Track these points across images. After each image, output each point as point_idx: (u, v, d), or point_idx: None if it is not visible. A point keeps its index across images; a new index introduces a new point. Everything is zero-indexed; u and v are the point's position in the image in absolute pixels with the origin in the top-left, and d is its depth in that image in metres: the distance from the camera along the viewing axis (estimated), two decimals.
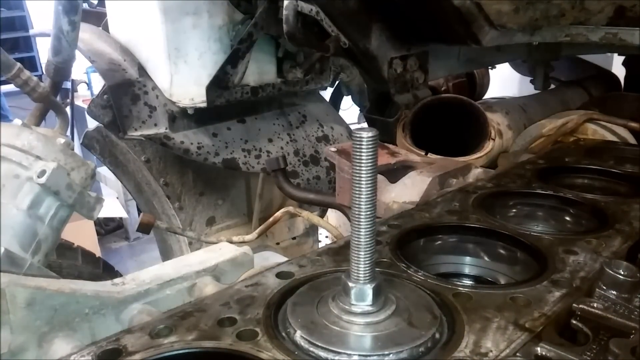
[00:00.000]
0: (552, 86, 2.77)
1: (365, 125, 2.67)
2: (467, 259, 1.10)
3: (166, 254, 2.07)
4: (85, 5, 2.31)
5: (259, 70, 1.84)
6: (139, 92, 1.76)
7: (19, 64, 1.33)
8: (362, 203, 0.74)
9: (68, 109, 3.16)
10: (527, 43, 1.87)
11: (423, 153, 2.04)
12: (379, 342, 0.73)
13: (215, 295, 0.90)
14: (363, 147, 0.71)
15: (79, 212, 1.28)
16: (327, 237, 2.96)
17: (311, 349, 0.73)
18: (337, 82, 2.35)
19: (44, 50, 2.81)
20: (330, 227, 1.65)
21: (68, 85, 4.68)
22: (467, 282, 1.06)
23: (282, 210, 1.75)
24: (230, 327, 0.79)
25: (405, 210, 1.22)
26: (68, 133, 1.48)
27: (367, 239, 0.75)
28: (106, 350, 0.75)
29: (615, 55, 3.30)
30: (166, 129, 1.76)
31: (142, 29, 1.77)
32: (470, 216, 1.13)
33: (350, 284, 0.77)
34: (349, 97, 2.52)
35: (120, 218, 5.29)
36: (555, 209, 1.24)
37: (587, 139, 2.00)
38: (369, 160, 0.72)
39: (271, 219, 1.77)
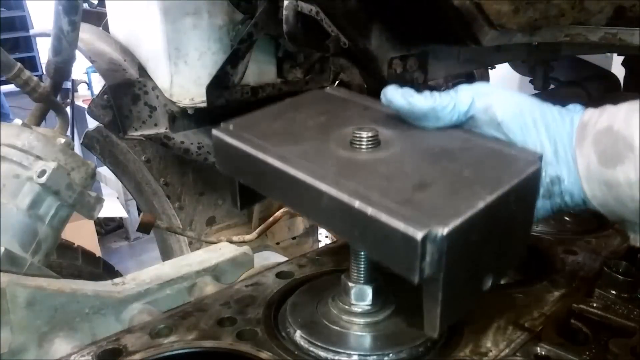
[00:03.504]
0: (552, 86, 2.77)
1: None
2: None
3: (166, 254, 2.07)
4: (85, 6, 2.32)
5: (259, 70, 1.84)
6: (139, 92, 1.76)
7: (19, 64, 1.33)
8: None
9: (68, 109, 3.15)
10: (527, 43, 1.87)
11: None
12: (378, 342, 0.73)
13: (215, 295, 0.90)
14: (363, 147, 0.71)
15: (79, 212, 1.28)
16: (327, 237, 2.97)
17: (311, 348, 0.73)
18: (337, 82, 2.35)
19: (44, 50, 2.81)
20: None
21: (68, 85, 4.68)
22: None
23: (282, 210, 1.75)
24: (230, 327, 0.79)
25: None
26: (68, 133, 1.48)
27: None
28: (106, 350, 0.76)
29: (615, 55, 3.30)
30: (166, 129, 1.76)
31: (142, 29, 1.77)
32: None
33: (350, 284, 0.77)
34: None
35: (121, 218, 5.28)
36: None
37: None
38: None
39: (271, 219, 1.77)
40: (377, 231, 0.57)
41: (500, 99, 0.72)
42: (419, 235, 0.54)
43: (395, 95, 0.73)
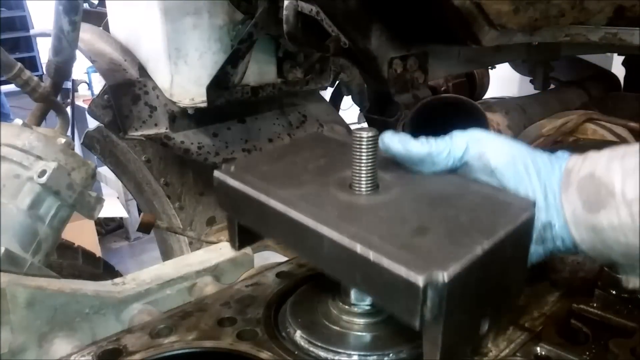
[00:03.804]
0: (552, 86, 2.77)
1: (365, 125, 2.67)
2: None
3: (166, 254, 2.07)
4: (85, 5, 2.32)
5: (259, 70, 1.84)
6: (140, 92, 1.76)
7: (19, 64, 1.33)
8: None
9: (69, 109, 3.15)
10: (527, 43, 1.87)
11: None
12: (379, 342, 0.73)
13: (215, 295, 0.90)
14: (363, 147, 0.71)
15: (79, 212, 1.28)
16: None
17: (311, 348, 0.73)
18: (337, 82, 2.35)
19: (44, 50, 2.81)
20: None
21: (69, 85, 4.67)
22: None
23: None
24: (230, 327, 0.79)
25: None
26: (68, 133, 1.48)
27: None
28: (106, 350, 0.76)
29: (615, 55, 3.30)
30: (167, 129, 1.76)
31: (143, 29, 1.77)
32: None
33: None
34: (349, 97, 2.52)
35: (121, 218, 5.29)
36: None
37: (587, 139, 2.00)
38: (369, 160, 0.72)
39: None
40: (378, 275, 0.59)
41: (494, 146, 0.76)
42: (420, 279, 0.55)
43: (393, 142, 0.77)
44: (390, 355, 0.71)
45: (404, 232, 0.63)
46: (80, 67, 5.06)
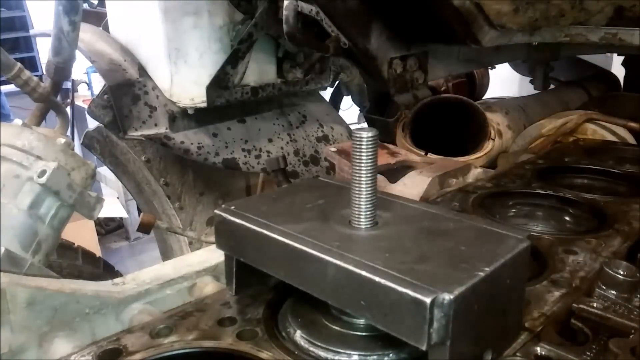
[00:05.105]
0: (552, 86, 2.77)
1: (365, 125, 2.67)
2: None
3: (166, 254, 2.07)
4: (85, 6, 2.32)
5: (259, 70, 1.84)
6: (139, 92, 1.76)
7: (19, 64, 1.33)
8: (362, 203, 0.74)
9: (68, 109, 3.15)
10: (527, 43, 1.87)
11: (423, 153, 2.04)
12: (379, 342, 0.73)
13: (215, 295, 0.90)
14: (363, 147, 0.71)
15: (79, 212, 1.28)
16: None
17: (311, 348, 0.73)
18: (337, 82, 2.35)
19: (44, 50, 2.81)
20: None
21: (68, 85, 4.68)
22: None
23: None
24: (230, 327, 0.79)
25: None
26: (68, 133, 1.48)
27: None
28: (106, 350, 0.76)
29: (615, 55, 3.30)
30: (166, 129, 1.76)
31: (143, 29, 1.77)
32: (469, 216, 1.13)
33: None
34: (349, 97, 2.52)
35: (121, 218, 5.29)
36: (554, 209, 1.24)
37: (587, 139, 2.00)
38: (369, 160, 0.72)
39: None
40: (384, 299, 0.60)
41: None
42: (427, 299, 0.56)
43: None
44: (390, 355, 0.71)
45: (407, 259, 0.65)
46: (80, 67, 5.06)
